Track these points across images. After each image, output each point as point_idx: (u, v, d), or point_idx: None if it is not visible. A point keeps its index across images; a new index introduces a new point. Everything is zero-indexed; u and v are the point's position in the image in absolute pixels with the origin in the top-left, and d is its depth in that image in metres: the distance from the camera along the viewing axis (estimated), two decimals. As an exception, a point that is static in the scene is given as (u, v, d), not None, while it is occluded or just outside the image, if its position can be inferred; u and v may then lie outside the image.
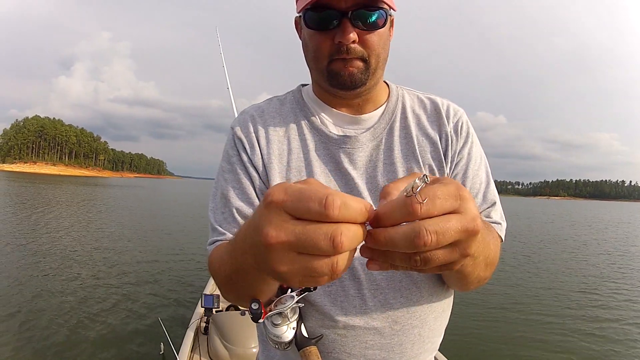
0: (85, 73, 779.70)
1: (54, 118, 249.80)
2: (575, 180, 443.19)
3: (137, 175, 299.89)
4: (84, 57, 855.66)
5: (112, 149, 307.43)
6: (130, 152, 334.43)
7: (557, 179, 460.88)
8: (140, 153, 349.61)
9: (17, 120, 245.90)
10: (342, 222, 0.43)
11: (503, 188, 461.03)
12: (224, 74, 6.81)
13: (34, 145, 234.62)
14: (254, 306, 0.75)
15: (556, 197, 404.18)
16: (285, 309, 0.80)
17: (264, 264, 0.48)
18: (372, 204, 0.74)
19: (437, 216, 0.45)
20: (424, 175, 0.44)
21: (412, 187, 0.44)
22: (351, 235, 0.43)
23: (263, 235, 0.45)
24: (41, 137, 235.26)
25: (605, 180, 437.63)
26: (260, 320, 0.76)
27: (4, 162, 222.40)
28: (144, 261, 11.17)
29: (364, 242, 0.47)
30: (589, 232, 28.30)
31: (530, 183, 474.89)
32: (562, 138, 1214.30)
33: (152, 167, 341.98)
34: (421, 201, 0.43)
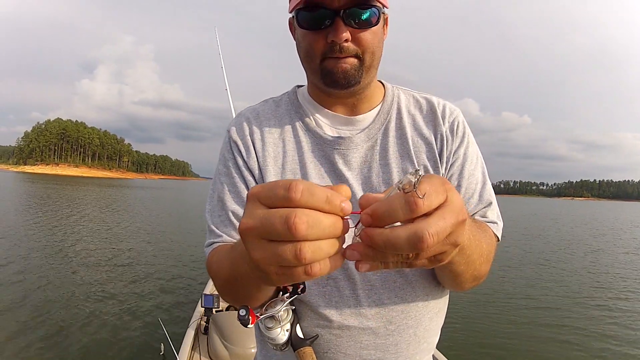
0: (109, 76, 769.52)
1: (76, 120, 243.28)
2: (599, 181, 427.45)
3: (161, 176, 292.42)
4: (107, 60, 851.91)
5: (136, 150, 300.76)
6: (154, 154, 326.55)
7: (581, 180, 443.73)
8: (165, 155, 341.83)
9: (38, 122, 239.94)
10: (307, 207, 0.42)
11: (528, 189, 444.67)
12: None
13: (56, 148, 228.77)
14: (242, 312, 0.74)
15: (580, 198, 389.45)
16: (275, 312, 0.79)
17: (246, 254, 0.48)
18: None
19: (431, 213, 0.44)
20: (416, 170, 0.43)
21: (406, 183, 0.43)
22: (309, 220, 0.41)
23: (241, 223, 0.46)
24: (63, 140, 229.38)
25: (628, 181, 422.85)
26: (250, 326, 0.75)
27: (25, 164, 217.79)
28: (144, 261, 10.97)
29: (351, 242, 0.47)
30: (611, 232, 28.38)
31: (554, 184, 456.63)
32: (586, 138, 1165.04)
33: (177, 168, 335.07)
34: (421, 197, 0.42)
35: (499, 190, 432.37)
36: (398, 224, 0.44)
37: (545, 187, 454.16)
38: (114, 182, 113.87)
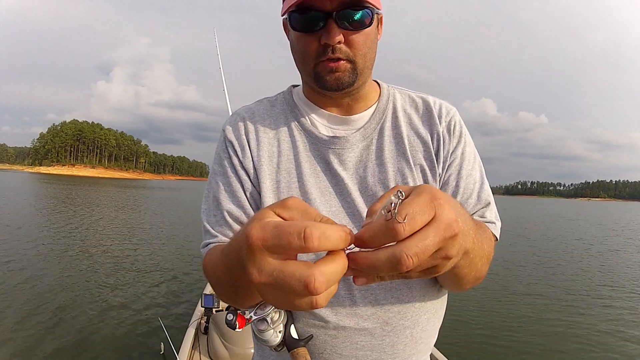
0: (125, 78, 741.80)
1: (92, 122, 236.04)
2: (615, 181, 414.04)
3: (178, 177, 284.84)
4: (123, 62, 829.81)
5: (153, 152, 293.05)
6: (172, 155, 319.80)
7: (598, 180, 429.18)
8: (182, 156, 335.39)
9: (54, 124, 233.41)
10: (322, 251, 0.43)
11: (545, 189, 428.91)
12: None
13: (71, 149, 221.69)
14: (229, 317, 0.73)
15: (596, 199, 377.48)
16: (265, 314, 0.78)
17: (243, 262, 0.48)
18: (364, 205, 0.91)
19: (416, 231, 0.44)
20: (397, 192, 0.44)
21: (390, 205, 0.44)
22: (327, 279, 0.42)
23: (247, 274, 0.45)
24: (79, 141, 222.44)
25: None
26: (238, 330, 0.74)
27: (40, 165, 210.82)
28: (144, 261, 10.96)
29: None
30: (628, 233, 28.22)
31: (571, 184, 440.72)
32: (603, 138, 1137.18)
33: (195, 169, 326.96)
34: (402, 221, 0.42)
35: (517, 190, 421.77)
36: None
37: (562, 187, 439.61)
38: (130, 182, 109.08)
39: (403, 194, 0.44)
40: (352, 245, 0.45)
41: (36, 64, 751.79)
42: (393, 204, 0.43)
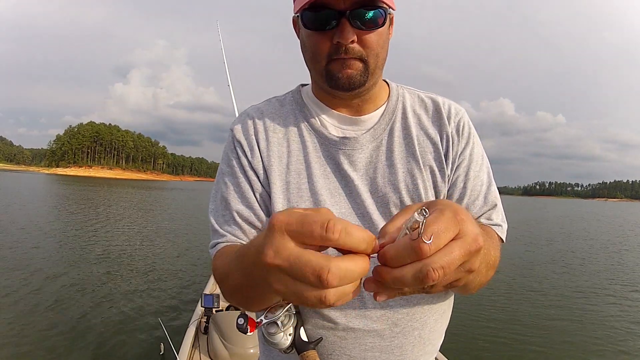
0: (143, 80, 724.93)
1: (109, 124, 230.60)
2: (632, 182, 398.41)
3: (197, 178, 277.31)
4: (140, 64, 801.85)
5: (171, 153, 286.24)
6: (190, 157, 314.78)
7: (615, 180, 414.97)
8: (200, 157, 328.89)
9: (70, 126, 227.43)
10: (342, 247, 0.43)
11: (563, 190, 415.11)
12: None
13: (89, 150, 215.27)
14: (240, 321, 0.72)
15: (613, 199, 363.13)
16: (276, 318, 0.76)
17: (263, 279, 0.48)
18: (374, 206, 0.90)
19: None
20: (422, 210, 0.43)
21: (413, 225, 0.43)
22: (341, 274, 0.41)
23: (263, 254, 0.45)
24: (96, 142, 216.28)
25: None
26: (249, 333, 0.74)
27: (57, 166, 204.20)
28: (144, 261, 10.77)
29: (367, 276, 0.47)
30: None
31: (589, 185, 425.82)
32: (619, 137, 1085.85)
33: (213, 170, 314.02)
34: (428, 242, 0.42)
35: (535, 191, 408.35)
36: None
37: (580, 188, 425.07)
38: (147, 183, 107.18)
39: (427, 212, 0.43)
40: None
41: (53, 66, 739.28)
42: (420, 223, 0.42)
